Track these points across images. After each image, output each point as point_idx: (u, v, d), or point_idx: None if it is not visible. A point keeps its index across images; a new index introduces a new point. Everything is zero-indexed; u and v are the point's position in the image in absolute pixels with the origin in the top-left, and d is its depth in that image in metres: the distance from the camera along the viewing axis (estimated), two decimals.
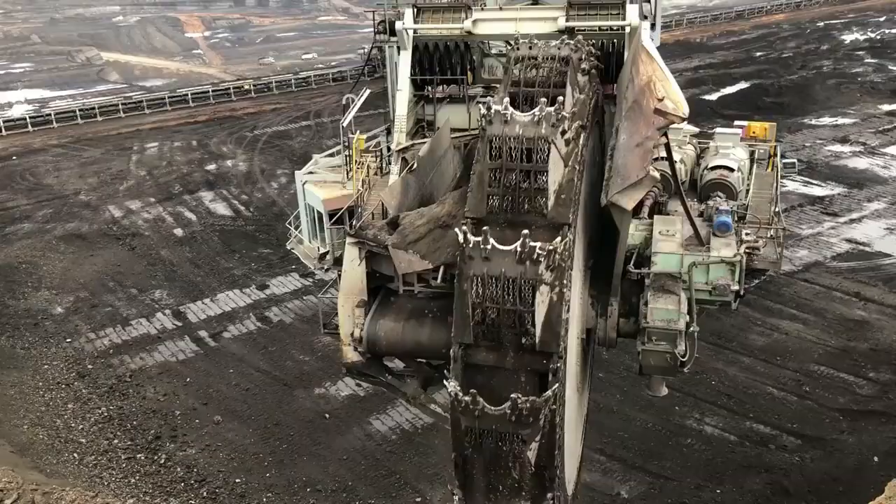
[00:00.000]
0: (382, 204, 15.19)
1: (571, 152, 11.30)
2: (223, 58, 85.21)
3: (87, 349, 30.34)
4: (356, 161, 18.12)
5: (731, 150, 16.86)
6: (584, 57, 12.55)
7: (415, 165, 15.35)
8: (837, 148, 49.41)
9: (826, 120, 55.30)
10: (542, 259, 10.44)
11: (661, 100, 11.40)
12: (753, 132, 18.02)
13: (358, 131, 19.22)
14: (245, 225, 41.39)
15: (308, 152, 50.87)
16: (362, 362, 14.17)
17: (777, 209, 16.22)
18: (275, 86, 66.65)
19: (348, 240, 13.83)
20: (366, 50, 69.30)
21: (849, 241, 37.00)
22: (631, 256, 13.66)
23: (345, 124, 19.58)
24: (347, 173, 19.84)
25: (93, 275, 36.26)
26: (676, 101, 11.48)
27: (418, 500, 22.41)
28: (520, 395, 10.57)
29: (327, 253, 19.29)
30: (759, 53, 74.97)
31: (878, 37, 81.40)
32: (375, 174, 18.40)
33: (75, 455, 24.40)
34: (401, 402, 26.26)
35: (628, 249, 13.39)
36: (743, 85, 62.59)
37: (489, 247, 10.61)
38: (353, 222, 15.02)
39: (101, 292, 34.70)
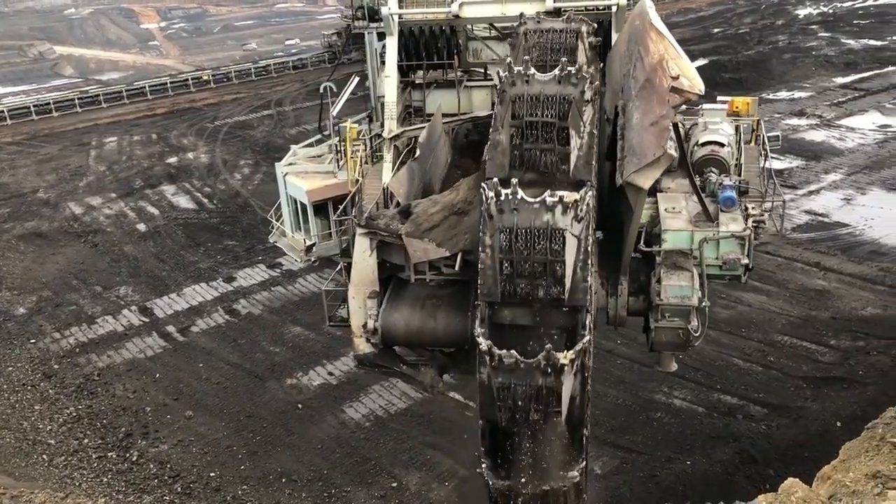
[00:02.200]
0: (385, 192, 15.05)
1: (584, 230, 11.07)
2: (181, 48, 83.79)
3: (52, 349, 29.85)
4: (350, 150, 17.97)
5: (719, 125, 17.00)
6: (586, 88, 12.13)
7: (417, 153, 15.25)
8: (794, 121, 50.21)
9: (783, 94, 56.15)
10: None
11: (676, 78, 11.29)
12: (736, 107, 18.26)
13: (349, 120, 19.03)
14: (209, 217, 40.90)
15: (271, 142, 50.37)
16: (374, 353, 14.10)
17: (773, 181, 16.49)
18: (234, 75, 65.78)
19: (359, 230, 13.59)
20: (326, 35, 68.62)
21: (808, 212, 37.73)
22: (639, 235, 13.77)
23: (334, 113, 19.39)
24: (339, 163, 19.65)
25: (55, 273, 35.64)
26: (691, 78, 11.37)
27: (394, 485, 22.51)
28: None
29: (314, 244, 19.17)
30: (716, 30, 75.69)
31: (831, 11, 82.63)
32: (366, 163, 18.28)
33: (44, 457, 24.04)
34: (373, 389, 26.32)
35: None
36: (701, 62, 63.06)
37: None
38: (355, 212, 14.83)
39: (65, 291, 34.13)
